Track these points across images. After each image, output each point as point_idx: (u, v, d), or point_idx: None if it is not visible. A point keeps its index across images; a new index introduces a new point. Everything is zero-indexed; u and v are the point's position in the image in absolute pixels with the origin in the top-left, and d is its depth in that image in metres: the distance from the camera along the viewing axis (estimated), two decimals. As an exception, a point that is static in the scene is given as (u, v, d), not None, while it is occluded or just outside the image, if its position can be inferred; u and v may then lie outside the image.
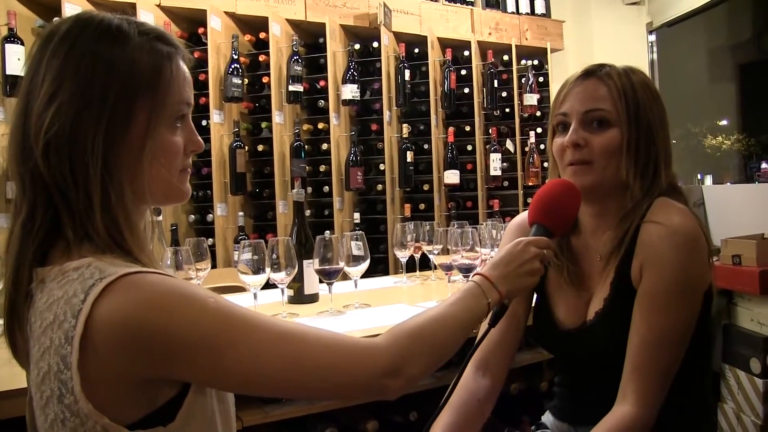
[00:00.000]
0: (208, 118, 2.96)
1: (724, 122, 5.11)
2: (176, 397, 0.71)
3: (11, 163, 0.74)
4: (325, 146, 3.30)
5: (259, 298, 1.57)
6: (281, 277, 1.55)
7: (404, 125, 3.51)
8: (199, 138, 0.82)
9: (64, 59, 0.71)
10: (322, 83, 3.32)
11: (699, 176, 4.59)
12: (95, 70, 0.71)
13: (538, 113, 3.83)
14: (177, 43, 0.79)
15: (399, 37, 3.58)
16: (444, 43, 3.72)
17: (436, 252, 1.93)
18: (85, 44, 0.72)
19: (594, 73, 1.08)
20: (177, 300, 0.67)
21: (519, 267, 0.94)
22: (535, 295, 1.23)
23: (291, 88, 3.13)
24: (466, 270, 1.55)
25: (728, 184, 4.62)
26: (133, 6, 2.71)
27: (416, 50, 3.67)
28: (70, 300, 0.66)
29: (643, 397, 0.97)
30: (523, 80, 3.77)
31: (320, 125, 3.32)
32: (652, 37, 4.69)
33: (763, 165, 4.38)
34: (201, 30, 3.01)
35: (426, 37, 3.59)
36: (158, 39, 0.76)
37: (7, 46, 2.41)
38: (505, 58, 3.89)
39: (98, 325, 0.64)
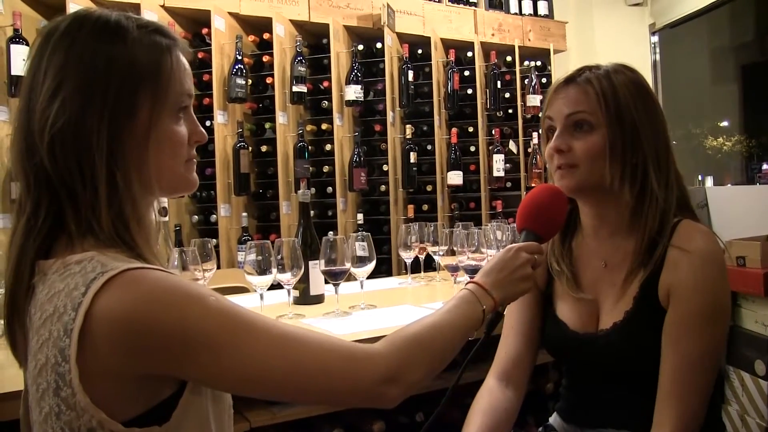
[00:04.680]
0: (212, 118, 2.96)
1: (725, 123, 5.11)
2: (172, 397, 0.71)
3: (15, 161, 0.74)
4: (328, 147, 3.30)
5: (265, 299, 1.57)
6: (287, 277, 1.55)
7: (407, 126, 3.51)
8: (202, 129, 0.83)
9: (66, 55, 0.72)
10: (325, 84, 3.32)
11: (700, 177, 4.60)
12: (97, 65, 0.72)
13: (541, 114, 3.82)
14: (176, 36, 0.80)
15: (402, 37, 3.58)
16: (447, 44, 3.72)
17: (441, 253, 1.93)
18: (85, 40, 0.73)
19: (573, 79, 1.09)
20: (178, 297, 0.67)
21: (511, 273, 0.94)
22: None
23: (294, 88, 3.13)
24: (472, 271, 1.55)
25: (729, 185, 4.63)
26: (137, 6, 2.71)
27: (419, 51, 3.67)
28: (71, 293, 0.67)
29: (682, 420, 0.96)
30: (526, 81, 3.77)
31: (324, 126, 3.32)
32: (655, 38, 4.69)
33: (764, 166, 4.38)
34: (205, 30, 3.01)
35: (429, 37, 3.58)
36: (157, 32, 0.77)
37: (13, 46, 2.41)
38: (508, 59, 3.89)
39: (98, 319, 0.64)
